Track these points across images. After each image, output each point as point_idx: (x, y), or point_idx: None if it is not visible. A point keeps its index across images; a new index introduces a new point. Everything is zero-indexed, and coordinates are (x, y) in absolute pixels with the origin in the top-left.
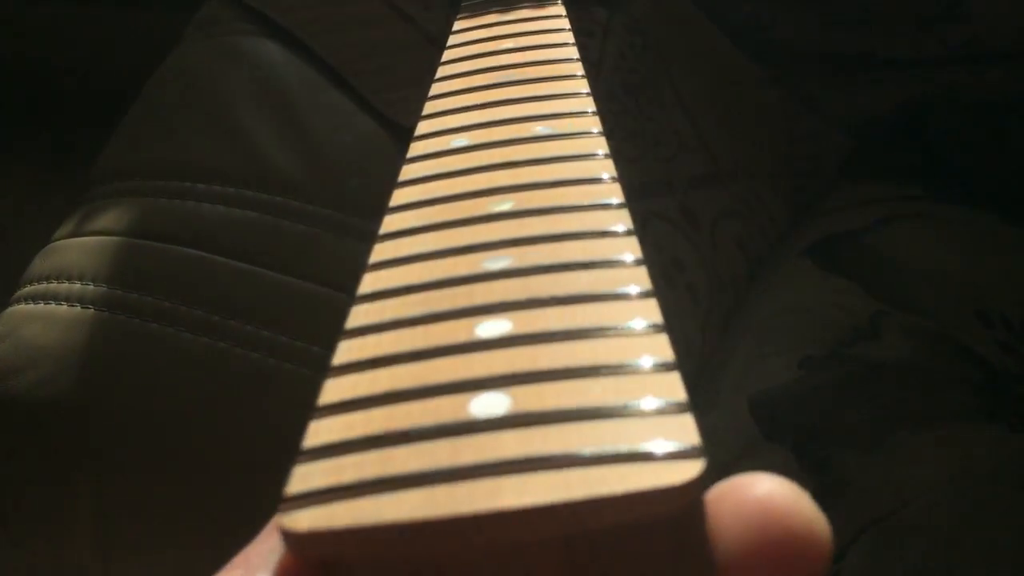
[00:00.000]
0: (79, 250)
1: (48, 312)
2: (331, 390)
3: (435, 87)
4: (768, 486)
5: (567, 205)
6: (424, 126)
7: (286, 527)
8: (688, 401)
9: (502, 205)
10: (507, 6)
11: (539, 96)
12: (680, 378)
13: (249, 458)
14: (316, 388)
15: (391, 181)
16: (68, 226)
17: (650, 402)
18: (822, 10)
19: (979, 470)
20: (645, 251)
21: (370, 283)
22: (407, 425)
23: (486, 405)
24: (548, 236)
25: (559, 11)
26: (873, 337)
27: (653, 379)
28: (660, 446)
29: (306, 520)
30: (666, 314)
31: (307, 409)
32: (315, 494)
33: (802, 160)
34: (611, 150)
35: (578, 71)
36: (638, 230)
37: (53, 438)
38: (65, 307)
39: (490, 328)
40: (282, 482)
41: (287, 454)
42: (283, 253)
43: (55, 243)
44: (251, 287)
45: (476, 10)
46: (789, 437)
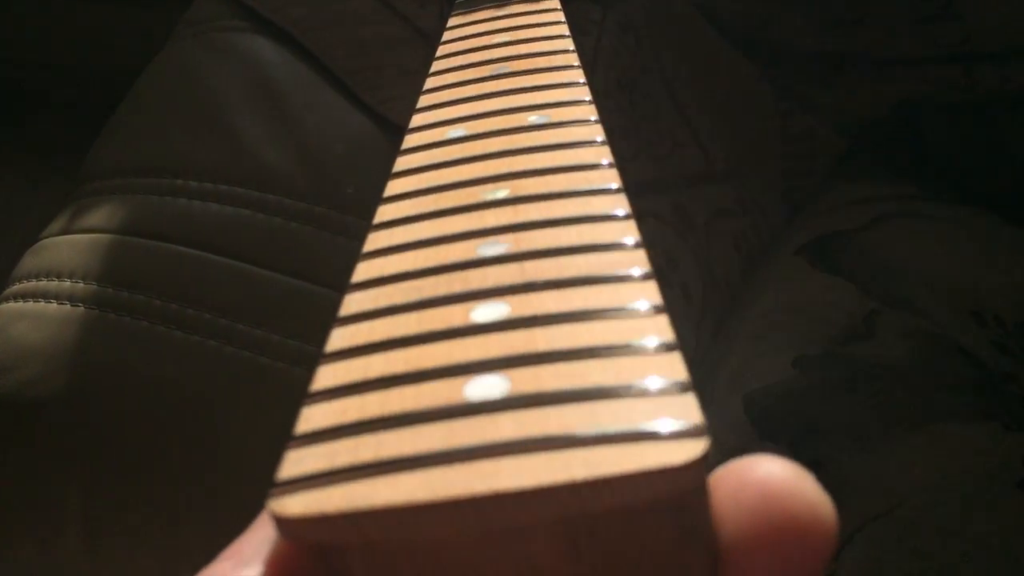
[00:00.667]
0: (69, 248)
1: (37, 310)
2: (324, 376)
3: (430, 80)
4: (769, 467)
5: (564, 191)
6: (419, 118)
7: (277, 512)
8: (690, 380)
9: (498, 192)
10: (502, 1)
11: (536, 86)
12: (681, 358)
13: (240, 457)
14: (308, 386)
15: (383, 178)
16: (58, 223)
17: (652, 382)
18: (816, 9)
19: (974, 469)
20: None
21: (364, 271)
22: (401, 409)
23: (482, 388)
24: (545, 221)
25: (554, 4)
26: (867, 336)
27: (654, 359)
28: (663, 425)
29: (298, 505)
30: None
31: (299, 408)
32: (307, 479)
33: (796, 159)
34: None
35: (574, 61)
36: None
37: (42, 437)
38: (55, 305)
39: (486, 312)
40: (272, 480)
41: (278, 452)
42: (275, 251)
43: (45, 240)
44: (242, 285)
45: (471, 4)
46: (783, 436)
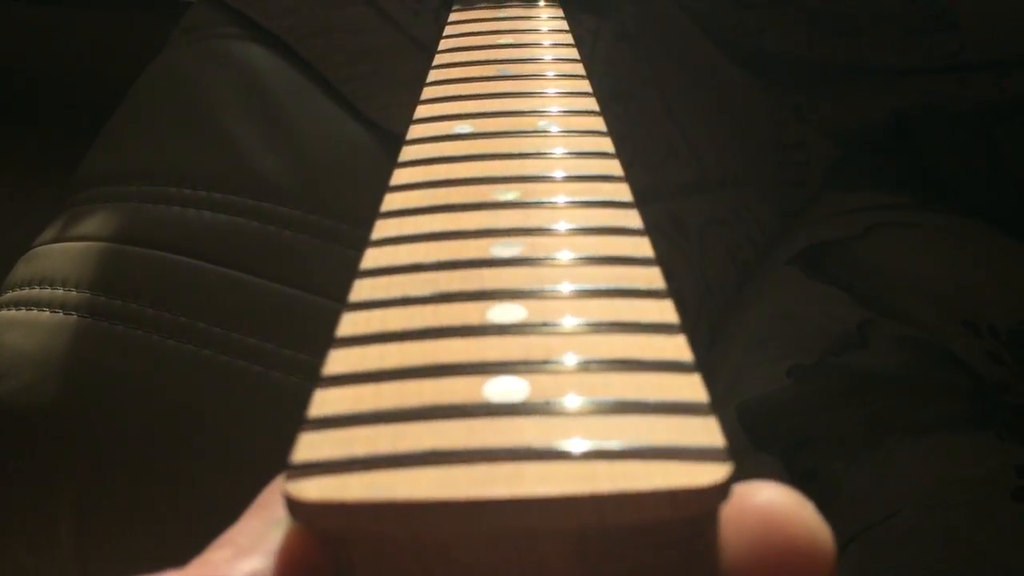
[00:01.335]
0: (62, 255)
1: (30, 318)
2: (337, 360)
3: (432, 73)
4: (769, 495)
5: (578, 200)
6: (423, 109)
7: (294, 495)
8: (711, 403)
9: (508, 194)
10: (499, 2)
11: (542, 92)
12: (701, 379)
13: (233, 465)
14: (303, 396)
15: (379, 187)
16: (51, 231)
17: (674, 401)
18: (811, 19)
19: (967, 478)
20: None
21: (374, 259)
22: (420, 403)
23: (502, 389)
24: (559, 229)
25: (556, 12)
26: (861, 346)
27: (675, 379)
28: (689, 445)
29: (315, 489)
30: None
31: (295, 417)
32: (324, 464)
33: (790, 168)
34: None
35: (580, 70)
36: None
37: (35, 445)
38: (48, 313)
39: (503, 313)
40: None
41: (273, 462)
42: (269, 259)
43: (38, 248)
44: (237, 294)
45: (470, 4)
46: (778, 446)
